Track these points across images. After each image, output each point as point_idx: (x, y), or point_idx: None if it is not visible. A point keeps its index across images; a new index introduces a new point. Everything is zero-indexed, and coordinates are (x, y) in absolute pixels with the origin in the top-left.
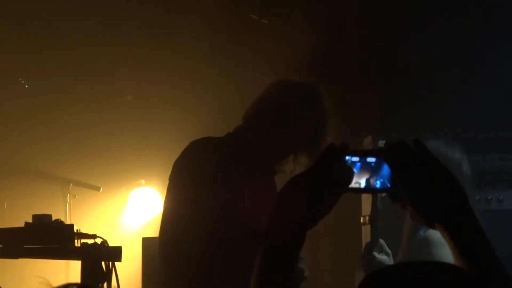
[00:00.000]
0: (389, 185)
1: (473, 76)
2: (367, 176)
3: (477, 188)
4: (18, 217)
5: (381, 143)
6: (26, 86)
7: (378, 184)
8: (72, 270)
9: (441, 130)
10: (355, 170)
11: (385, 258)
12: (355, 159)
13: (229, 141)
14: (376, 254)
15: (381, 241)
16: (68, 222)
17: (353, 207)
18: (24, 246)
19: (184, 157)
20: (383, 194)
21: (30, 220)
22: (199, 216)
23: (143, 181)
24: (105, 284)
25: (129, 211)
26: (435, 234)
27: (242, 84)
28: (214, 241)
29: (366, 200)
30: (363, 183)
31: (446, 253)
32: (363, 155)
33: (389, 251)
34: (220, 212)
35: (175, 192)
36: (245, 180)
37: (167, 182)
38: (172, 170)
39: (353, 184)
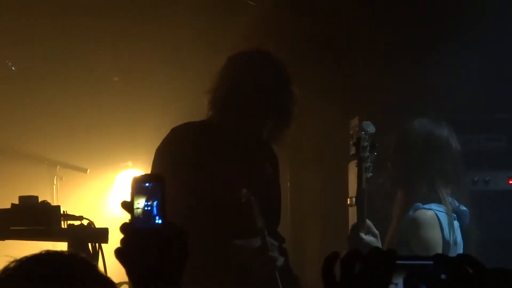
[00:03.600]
0: None
1: (460, 55)
2: None
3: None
4: (5, 199)
5: (366, 124)
6: (13, 68)
7: None
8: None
9: (427, 111)
10: None
11: (372, 239)
12: None
13: (208, 125)
14: (363, 235)
15: (369, 222)
16: (54, 203)
17: (340, 189)
18: (11, 228)
19: (164, 144)
20: (369, 175)
21: (16, 201)
22: (182, 201)
23: (130, 163)
24: None
25: (116, 193)
26: (424, 215)
27: None
28: (198, 223)
29: (353, 182)
30: None
31: (433, 234)
32: None
33: (376, 232)
34: (202, 193)
35: None
36: (227, 159)
37: None
38: (155, 156)
39: None
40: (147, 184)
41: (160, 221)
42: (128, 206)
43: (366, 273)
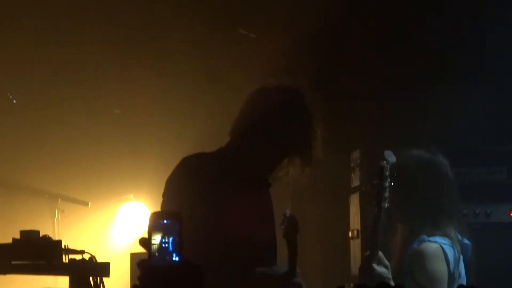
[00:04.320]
0: None
1: (461, 88)
2: None
3: (465, 202)
4: (6, 233)
5: (388, 153)
6: (14, 101)
7: None
8: (60, 286)
9: (428, 143)
10: None
11: (383, 270)
12: None
13: (220, 156)
14: (375, 266)
15: (380, 253)
16: (56, 237)
17: (341, 221)
18: (12, 262)
19: (175, 174)
20: (386, 205)
21: (18, 236)
22: (191, 232)
23: (131, 196)
24: None
25: (118, 226)
26: (429, 248)
27: (231, 98)
28: (206, 255)
29: (355, 215)
30: None
31: (439, 267)
32: None
33: (387, 263)
34: (211, 227)
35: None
36: (236, 195)
37: (155, 196)
38: (165, 187)
39: None
40: (164, 221)
41: (177, 258)
42: (145, 242)
43: None
